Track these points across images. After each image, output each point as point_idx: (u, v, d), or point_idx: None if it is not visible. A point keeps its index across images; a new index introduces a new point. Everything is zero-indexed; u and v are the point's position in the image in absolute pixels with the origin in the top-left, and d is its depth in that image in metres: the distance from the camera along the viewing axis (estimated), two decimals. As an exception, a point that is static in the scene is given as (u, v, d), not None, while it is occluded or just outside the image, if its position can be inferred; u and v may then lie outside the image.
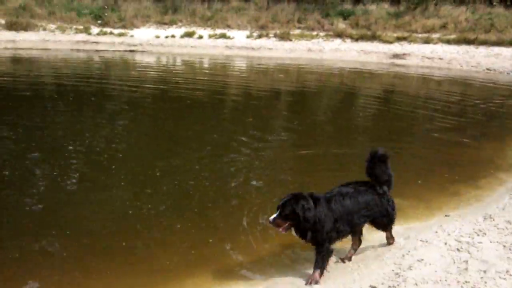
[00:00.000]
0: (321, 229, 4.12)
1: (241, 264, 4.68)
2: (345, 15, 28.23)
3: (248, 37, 27.58)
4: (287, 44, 26.63)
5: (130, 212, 5.70)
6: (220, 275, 4.48)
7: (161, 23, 29.18)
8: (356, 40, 26.31)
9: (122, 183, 6.62)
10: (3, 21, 27.37)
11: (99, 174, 6.98)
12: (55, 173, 6.82)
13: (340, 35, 26.90)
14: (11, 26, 27.16)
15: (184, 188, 6.50)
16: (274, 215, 4.14)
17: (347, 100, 14.48)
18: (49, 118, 10.37)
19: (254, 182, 6.86)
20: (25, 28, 27.33)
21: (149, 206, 5.86)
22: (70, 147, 8.07)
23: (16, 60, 21.43)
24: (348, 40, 26.49)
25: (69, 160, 7.42)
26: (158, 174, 6.98)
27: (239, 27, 28.33)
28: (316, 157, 8.24)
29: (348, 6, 29.06)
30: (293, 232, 4.21)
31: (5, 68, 19.14)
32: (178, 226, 5.37)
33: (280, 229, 4.15)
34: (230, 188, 6.55)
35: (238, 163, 7.67)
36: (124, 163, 7.46)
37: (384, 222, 4.64)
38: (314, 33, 27.44)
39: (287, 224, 4.11)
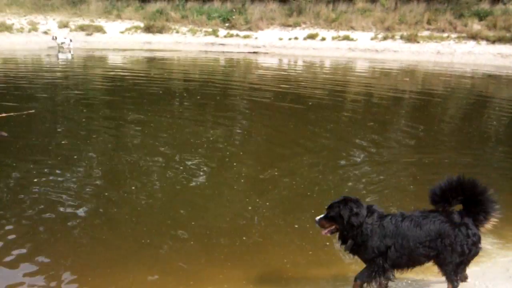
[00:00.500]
0: (365, 243, 3.75)
1: (356, 271, 4.53)
2: (481, 16, 26.22)
3: (372, 39, 26.91)
4: (413, 46, 25.51)
5: (249, 208, 5.83)
6: (335, 280, 4.38)
7: (285, 25, 29.62)
8: (493, 42, 24.35)
9: (242, 180, 6.81)
10: (142, 24, 29.87)
11: (221, 171, 7.25)
12: (181, 167, 7.23)
13: (474, 37, 25.09)
14: (148, 29, 29.55)
15: (301, 189, 6.49)
16: (321, 216, 3.94)
17: (479, 106, 13.39)
18: (177, 114, 11.05)
19: (370, 186, 6.65)
20: (160, 30, 29.54)
21: (267, 204, 5.95)
22: (194, 143, 8.50)
23: (151, 60, 23.23)
24: (483, 43, 24.61)
25: (192, 155, 7.81)
26: (276, 173, 7.06)
27: (363, 29, 27.74)
28: (437, 164, 7.73)
29: (485, 6, 26.93)
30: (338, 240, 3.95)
31: (142, 67, 20.85)
32: (296, 226, 5.37)
33: (325, 231, 3.92)
34: (346, 191, 6.39)
35: (355, 166, 7.49)
36: (245, 161, 7.66)
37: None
38: (445, 35, 25.92)
39: (333, 227, 3.89)
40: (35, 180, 6.45)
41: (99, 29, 29.11)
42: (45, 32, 27.16)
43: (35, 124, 9.52)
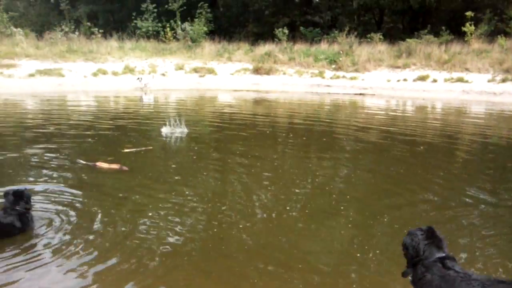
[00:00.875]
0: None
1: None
2: None
3: (489, 81, 25.32)
4: (537, 89, 23.57)
5: (358, 254, 5.59)
6: None
7: (394, 67, 29.05)
8: None
9: (349, 225, 6.58)
10: (251, 66, 31.09)
11: (326, 212, 7.10)
12: (287, 207, 7.19)
13: None
14: (257, 71, 30.66)
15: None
16: None
17: None
18: (283, 153, 11.14)
19: (475, 238, 6.12)
20: (268, 72, 30.47)
21: (376, 251, 5.67)
22: (300, 183, 8.45)
23: (259, 100, 23.91)
24: None
25: (297, 195, 7.76)
26: (386, 219, 6.74)
27: (479, 71, 26.26)
28: None
29: None
30: None
31: (250, 107, 21.51)
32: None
33: None
34: (453, 239, 5.93)
35: (471, 208, 7.02)
36: (352, 203, 7.43)
37: None
38: None
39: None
40: (149, 213, 6.79)
41: (211, 71, 30.73)
42: (163, 74, 29.25)
43: (151, 160, 10.13)
